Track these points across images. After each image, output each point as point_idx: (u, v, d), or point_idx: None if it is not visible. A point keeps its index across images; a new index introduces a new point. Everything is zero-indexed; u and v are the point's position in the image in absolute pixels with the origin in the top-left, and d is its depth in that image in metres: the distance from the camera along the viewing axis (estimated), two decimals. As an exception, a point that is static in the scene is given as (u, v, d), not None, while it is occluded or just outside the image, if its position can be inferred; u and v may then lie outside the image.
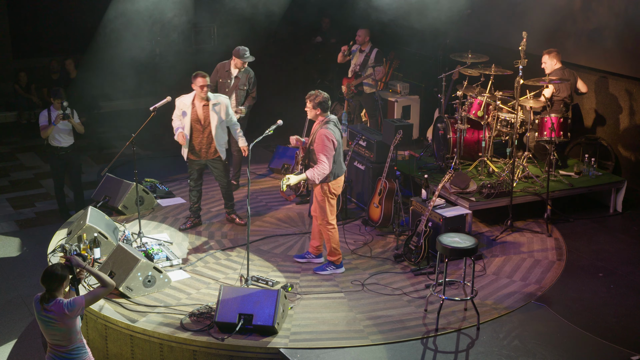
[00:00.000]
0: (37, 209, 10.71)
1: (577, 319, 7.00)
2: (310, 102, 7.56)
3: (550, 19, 10.25)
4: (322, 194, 7.59)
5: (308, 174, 7.44)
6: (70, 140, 9.83)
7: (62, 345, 5.55)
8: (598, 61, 9.98)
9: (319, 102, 7.50)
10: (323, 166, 7.42)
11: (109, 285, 5.62)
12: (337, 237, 7.78)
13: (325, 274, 7.81)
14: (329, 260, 7.88)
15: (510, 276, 7.82)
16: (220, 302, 6.73)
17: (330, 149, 7.45)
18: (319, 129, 7.50)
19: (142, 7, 11.38)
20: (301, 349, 6.52)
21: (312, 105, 7.54)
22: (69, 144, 9.84)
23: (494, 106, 9.33)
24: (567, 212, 9.20)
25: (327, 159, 7.42)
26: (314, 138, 7.51)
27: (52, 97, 9.75)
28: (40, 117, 9.76)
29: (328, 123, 7.52)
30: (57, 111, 9.60)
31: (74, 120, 9.67)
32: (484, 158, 9.40)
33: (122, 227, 8.84)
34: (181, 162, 11.54)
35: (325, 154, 7.41)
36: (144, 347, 6.86)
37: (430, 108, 11.42)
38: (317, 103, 7.50)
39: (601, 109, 10.09)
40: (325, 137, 7.43)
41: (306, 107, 7.63)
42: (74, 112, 9.73)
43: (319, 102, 7.50)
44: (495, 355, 6.49)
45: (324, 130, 7.47)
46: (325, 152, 7.41)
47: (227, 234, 8.84)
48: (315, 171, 7.42)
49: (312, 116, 7.61)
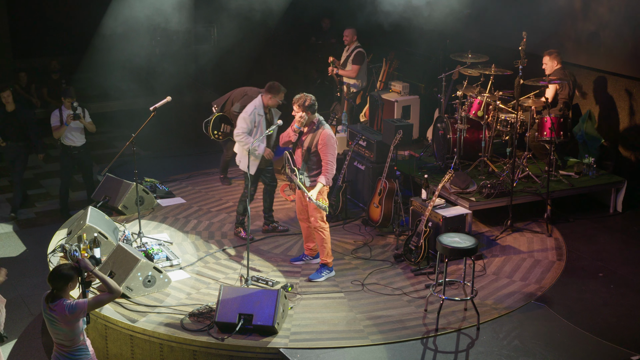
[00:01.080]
0: (37, 209, 10.71)
1: (577, 319, 7.00)
2: (299, 106, 7.42)
3: (550, 18, 10.25)
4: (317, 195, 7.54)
5: (323, 181, 7.39)
6: (82, 140, 9.91)
7: (65, 345, 5.57)
8: (598, 61, 9.98)
9: (309, 105, 7.41)
10: (332, 167, 7.42)
11: (115, 291, 5.60)
12: (329, 235, 7.73)
13: (322, 280, 7.78)
14: (323, 264, 7.81)
15: (510, 276, 7.82)
16: (220, 302, 6.73)
17: (335, 149, 7.47)
18: (322, 130, 7.47)
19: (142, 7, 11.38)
20: (301, 349, 6.52)
21: (301, 109, 7.41)
22: (82, 143, 9.93)
23: (494, 106, 9.33)
24: (567, 212, 9.20)
25: (334, 159, 7.44)
26: (317, 140, 7.46)
27: (62, 96, 9.80)
28: (52, 117, 9.76)
29: (323, 124, 7.51)
30: (68, 111, 9.61)
31: (85, 120, 9.73)
32: (484, 158, 9.40)
33: (122, 227, 8.84)
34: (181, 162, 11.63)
35: (332, 153, 7.42)
36: (144, 347, 6.86)
37: (430, 108, 11.41)
38: (307, 107, 7.40)
39: (601, 109, 10.09)
40: (330, 137, 7.44)
41: (294, 111, 7.48)
42: (85, 111, 9.79)
43: (308, 105, 7.41)
44: (495, 355, 6.49)
45: (328, 131, 7.46)
46: (332, 152, 7.43)
47: (227, 234, 8.83)
48: (328, 175, 7.42)
49: (304, 123, 7.46)
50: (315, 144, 7.46)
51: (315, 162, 7.51)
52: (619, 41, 9.63)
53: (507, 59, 9.41)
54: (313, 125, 7.52)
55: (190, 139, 12.51)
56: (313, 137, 7.48)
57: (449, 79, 10.41)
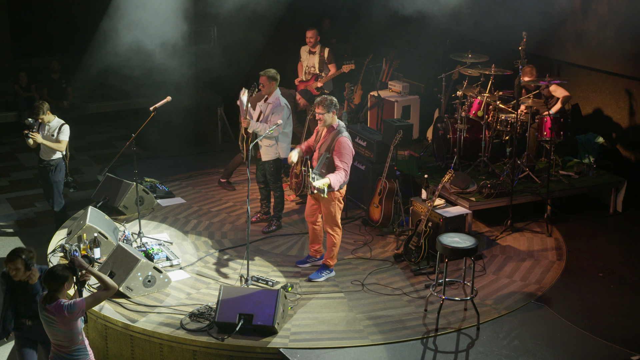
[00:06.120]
0: (37, 209, 10.71)
1: (577, 319, 7.00)
2: (322, 107, 7.48)
3: (551, 18, 10.25)
4: (331, 199, 7.56)
5: (332, 180, 7.35)
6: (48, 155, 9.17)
7: (63, 346, 5.57)
8: (598, 61, 9.98)
9: (333, 104, 7.49)
10: (343, 173, 7.42)
11: (110, 288, 5.61)
12: (340, 239, 7.76)
13: (322, 280, 7.78)
14: (325, 265, 7.83)
15: (510, 276, 7.82)
16: (220, 302, 6.73)
17: (350, 158, 7.49)
18: (338, 136, 7.47)
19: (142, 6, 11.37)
20: (301, 349, 6.52)
21: (325, 109, 7.47)
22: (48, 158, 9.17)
23: (494, 106, 9.33)
24: (567, 212, 9.20)
25: (347, 167, 7.44)
26: (333, 145, 7.46)
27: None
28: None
29: (342, 131, 7.53)
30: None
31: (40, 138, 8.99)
32: (484, 158, 9.40)
33: (122, 227, 8.84)
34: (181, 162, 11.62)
35: (347, 162, 7.43)
36: (144, 347, 6.86)
37: (430, 108, 11.41)
38: (331, 105, 7.46)
39: (601, 109, 10.09)
40: (347, 145, 7.45)
41: (317, 115, 7.54)
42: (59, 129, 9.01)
43: (332, 104, 7.48)
44: (495, 355, 6.49)
45: (345, 139, 7.46)
46: (347, 160, 7.44)
47: (227, 234, 8.83)
48: (338, 178, 7.39)
49: (327, 122, 7.53)
50: (332, 149, 7.47)
51: (329, 166, 7.50)
52: (619, 41, 9.62)
53: (507, 59, 9.41)
54: (333, 129, 7.55)
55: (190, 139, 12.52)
56: (331, 141, 7.50)
57: (449, 79, 10.41)
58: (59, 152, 9.11)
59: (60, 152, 9.11)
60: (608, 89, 9.96)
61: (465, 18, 11.07)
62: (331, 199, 7.51)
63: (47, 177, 9.23)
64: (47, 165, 9.17)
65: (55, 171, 9.16)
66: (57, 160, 9.15)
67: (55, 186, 9.21)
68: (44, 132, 8.98)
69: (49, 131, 8.98)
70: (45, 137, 8.97)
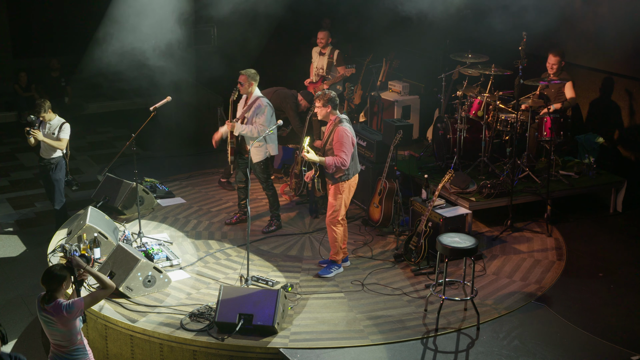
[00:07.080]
0: (37, 208, 10.71)
1: (577, 319, 7.00)
2: (319, 101, 7.57)
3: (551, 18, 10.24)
4: (337, 191, 7.59)
5: (327, 160, 7.43)
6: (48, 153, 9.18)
7: (62, 346, 5.56)
8: (598, 61, 9.98)
9: (329, 99, 7.52)
10: (343, 160, 7.43)
11: (108, 287, 5.62)
12: (342, 235, 7.77)
13: (331, 275, 7.81)
14: (332, 261, 7.87)
15: (510, 276, 7.82)
16: (220, 302, 6.73)
17: (350, 146, 7.48)
18: (336, 127, 7.50)
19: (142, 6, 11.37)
20: (301, 349, 6.52)
21: (322, 103, 7.55)
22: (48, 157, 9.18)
23: (494, 106, 9.33)
24: (567, 212, 9.20)
25: (346, 155, 7.45)
26: (332, 137, 7.50)
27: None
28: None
29: (342, 121, 7.54)
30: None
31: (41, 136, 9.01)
32: (484, 158, 9.40)
33: (122, 227, 8.84)
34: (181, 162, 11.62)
35: (345, 150, 7.44)
36: (144, 347, 6.86)
37: (430, 108, 11.41)
38: (327, 100, 7.52)
39: (601, 108, 10.09)
40: (345, 134, 7.46)
41: (315, 108, 7.63)
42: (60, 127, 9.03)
43: (328, 99, 7.52)
44: (495, 355, 6.49)
45: (342, 128, 7.48)
46: (345, 149, 7.44)
47: (227, 234, 8.83)
48: (335, 160, 7.42)
49: (323, 116, 7.61)
50: (331, 141, 7.51)
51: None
52: (619, 41, 9.62)
53: (507, 59, 9.41)
54: (332, 122, 7.57)
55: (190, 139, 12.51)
56: (331, 133, 7.54)
57: (449, 79, 10.40)
58: (59, 151, 9.13)
59: (60, 151, 9.14)
60: (608, 89, 9.95)
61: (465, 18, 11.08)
62: (336, 191, 7.53)
63: (47, 176, 9.25)
64: (48, 164, 9.19)
65: (56, 169, 9.19)
66: (57, 158, 9.17)
67: (57, 184, 9.24)
68: (45, 130, 9.02)
69: (50, 129, 9.01)
70: (46, 135, 9.00)
